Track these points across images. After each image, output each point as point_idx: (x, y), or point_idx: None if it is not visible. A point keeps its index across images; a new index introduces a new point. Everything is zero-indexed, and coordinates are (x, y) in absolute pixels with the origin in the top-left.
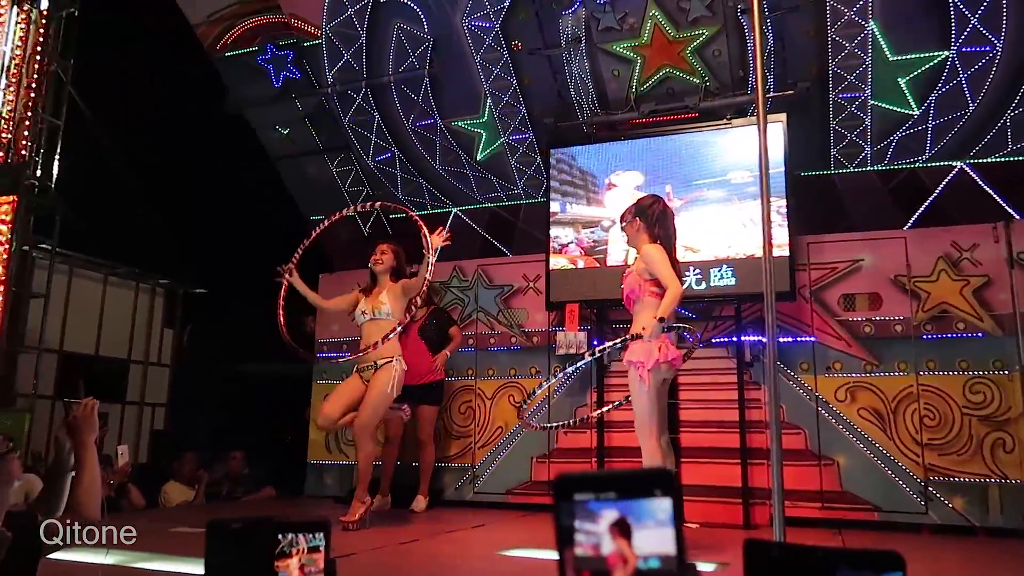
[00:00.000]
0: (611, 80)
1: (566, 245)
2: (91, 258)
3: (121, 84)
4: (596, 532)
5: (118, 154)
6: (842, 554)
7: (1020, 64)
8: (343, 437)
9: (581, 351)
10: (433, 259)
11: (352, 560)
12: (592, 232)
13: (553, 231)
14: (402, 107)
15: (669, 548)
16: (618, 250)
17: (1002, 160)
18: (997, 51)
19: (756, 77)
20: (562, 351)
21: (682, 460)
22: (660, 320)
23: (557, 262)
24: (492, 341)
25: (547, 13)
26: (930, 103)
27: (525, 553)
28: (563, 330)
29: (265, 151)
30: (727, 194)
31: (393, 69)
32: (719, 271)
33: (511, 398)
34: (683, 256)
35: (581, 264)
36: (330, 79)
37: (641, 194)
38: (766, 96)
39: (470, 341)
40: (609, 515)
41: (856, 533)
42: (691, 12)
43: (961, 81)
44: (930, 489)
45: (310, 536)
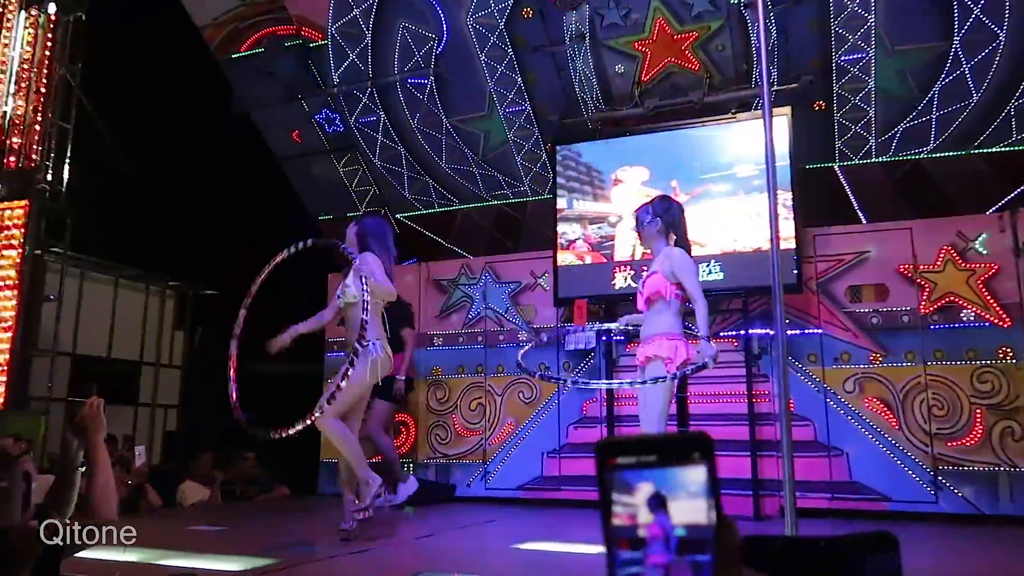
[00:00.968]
0: (615, 76)
1: (573, 241)
2: (102, 261)
3: (129, 87)
4: (632, 503)
5: (127, 157)
6: (842, 541)
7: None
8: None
9: (590, 346)
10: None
11: (368, 555)
12: (599, 228)
13: (560, 227)
14: (408, 106)
15: (704, 517)
16: (625, 245)
17: (1007, 150)
18: (1000, 41)
19: (761, 70)
20: (571, 347)
21: None
22: (707, 340)
23: (565, 258)
24: (501, 338)
25: (551, 10)
26: (934, 93)
27: (539, 546)
28: (572, 325)
29: (272, 152)
30: (733, 188)
31: (399, 68)
32: (722, 264)
33: (520, 395)
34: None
35: (588, 260)
36: (336, 79)
37: (648, 189)
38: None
39: (479, 339)
40: (645, 487)
41: (867, 523)
42: (695, 7)
43: (964, 71)
44: (940, 478)
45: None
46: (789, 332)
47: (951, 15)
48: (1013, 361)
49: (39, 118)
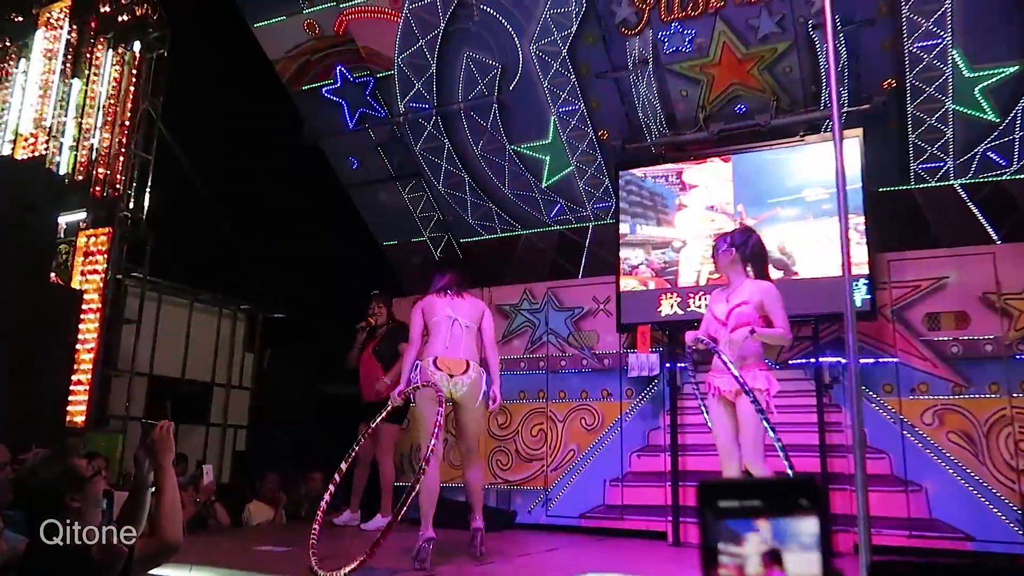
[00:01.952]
0: (679, 100)
1: (636, 267)
2: (178, 285)
3: (206, 119)
4: (740, 554)
5: (203, 186)
6: (983, 567)
7: None
8: (415, 457)
9: (654, 373)
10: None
11: None
12: (663, 253)
13: (623, 252)
14: (471, 133)
15: (817, 571)
16: (689, 271)
17: None
18: None
19: (831, 92)
20: (634, 373)
21: None
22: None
23: (627, 284)
24: (563, 364)
25: (614, 36)
26: (1016, 113)
27: None
28: (635, 352)
29: (339, 179)
30: (802, 212)
31: (463, 97)
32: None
33: (583, 420)
34: None
35: (652, 285)
36: (402, 108)
37: (713, 214)
38: (841, 111)
39: (541, 364)
40: (754, 538)
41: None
42: (761, 29)
43: None
44: None
45: None
46: (862, 361)
47: None
48: None
49: (123, 150)
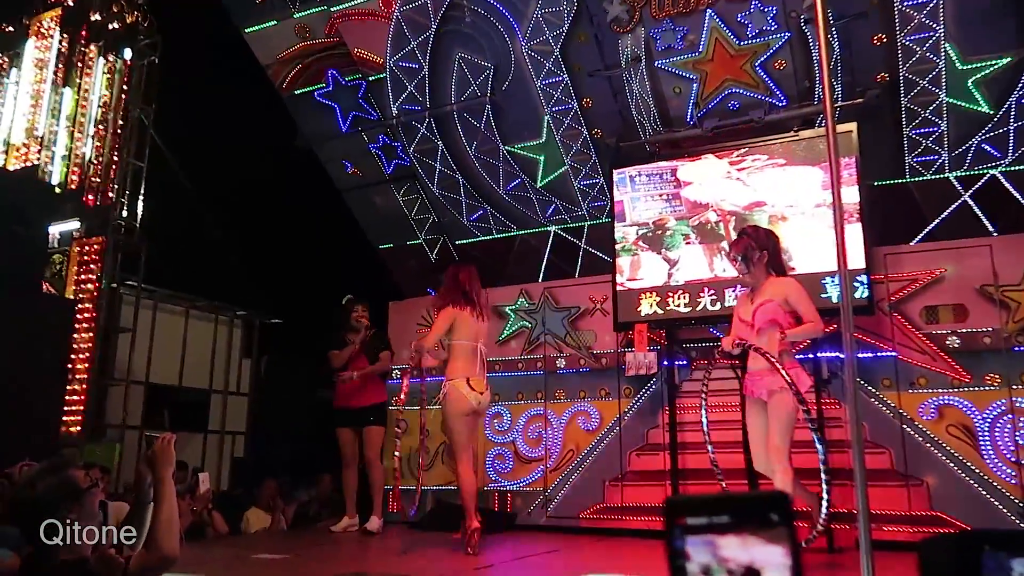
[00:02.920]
0: (672, 97)
1: (634, 255)
2: (174, 292)
3: (198, 126)
4: (711, 571)
5: (196, 193)
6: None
7: None
8: (415, 462)
9: (651, 372)
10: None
11: None
12: (660, 251)
13: (618, 249)
14: (465, 134)
15: None
16: (687, 269)
17: None
18: None
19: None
20: (632, 372)
21: (760, 483)
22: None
23: (623, 282)
24: (560, 364)
25: (606, 34)
26: (1010, 105)
27: None
28: (632, 351)
29: (333, 183)
30: (797, 207)
31: (455, 98)
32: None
33: (581, 421)
34: None
35: (649, 283)
36: (394, 111)
37: (709, 212)
38: (834, 105)
39: (538, 364)
40: (723, 554)
41: None
42: (753, 25)
43: None
44: None
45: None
46: (860, 355)
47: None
48: None
49: (115, 157)
